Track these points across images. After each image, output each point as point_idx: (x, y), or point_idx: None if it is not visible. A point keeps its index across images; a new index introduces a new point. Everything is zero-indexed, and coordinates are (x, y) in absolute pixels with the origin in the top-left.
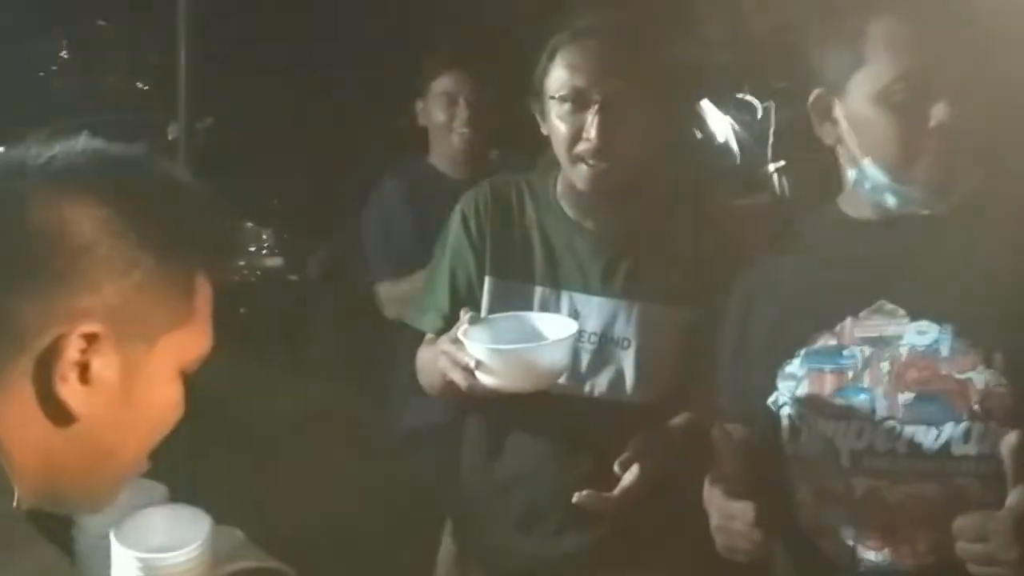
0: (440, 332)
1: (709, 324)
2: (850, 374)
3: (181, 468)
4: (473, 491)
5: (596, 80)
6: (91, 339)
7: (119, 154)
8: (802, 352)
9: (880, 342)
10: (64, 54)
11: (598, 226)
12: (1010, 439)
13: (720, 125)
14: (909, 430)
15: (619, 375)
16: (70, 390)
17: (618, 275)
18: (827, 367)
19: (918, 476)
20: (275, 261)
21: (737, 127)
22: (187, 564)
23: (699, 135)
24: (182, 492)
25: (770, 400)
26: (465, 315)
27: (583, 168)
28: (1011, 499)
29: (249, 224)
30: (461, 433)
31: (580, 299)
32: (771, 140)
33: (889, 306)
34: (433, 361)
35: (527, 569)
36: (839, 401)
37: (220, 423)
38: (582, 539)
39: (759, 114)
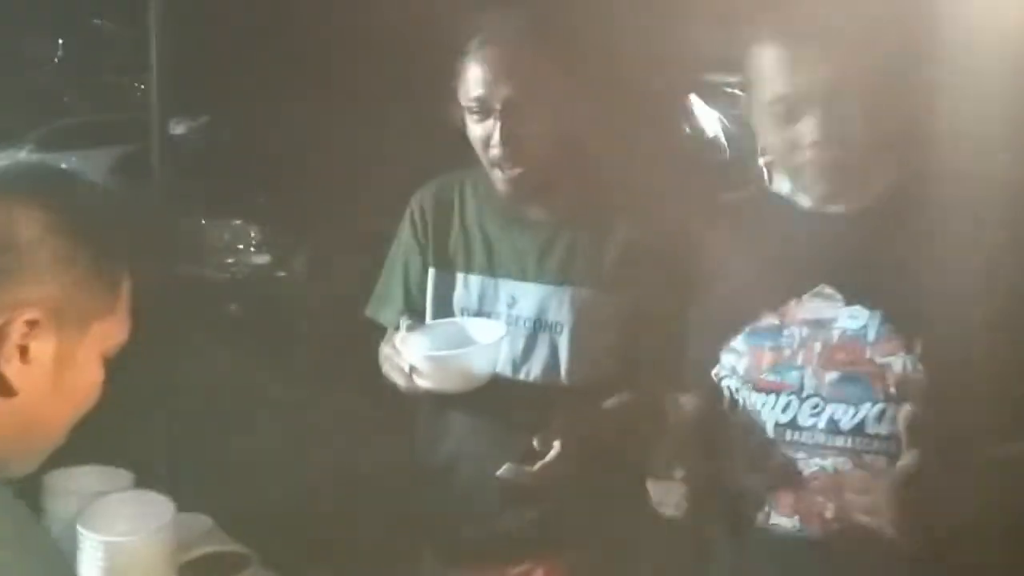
0: (404, 324)
1: (647, 309)
2: (787, 352)
3: (165, 457)
4: (422, 471)
5: (494, 89)
6: (32, 325)
7: (57, 167)
8: (747, 329)
9: (817, 324)
10: (60, 54)
11: (533, 215)
12: (906, 410)
13: (708, 119)
14: (830, 408)
15: (553, 360)
16: (12, 368)
17: (551, 261)
18: (767, 344)
19: (832, 451)
20: (262, 258)
21: (726, 121)
22: (149, 547)
23: (687, 129)
24: (164, 479)
25: (713, 372)
26: (404, 323)
27: (498, 172)
28: (901, 461)
29: (237, 222)
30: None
31: (516, 286)
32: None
33: (828, 290)
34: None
35: (472, 547)
36: (773, 377)
37: (209, 415)
38: (523, 517)
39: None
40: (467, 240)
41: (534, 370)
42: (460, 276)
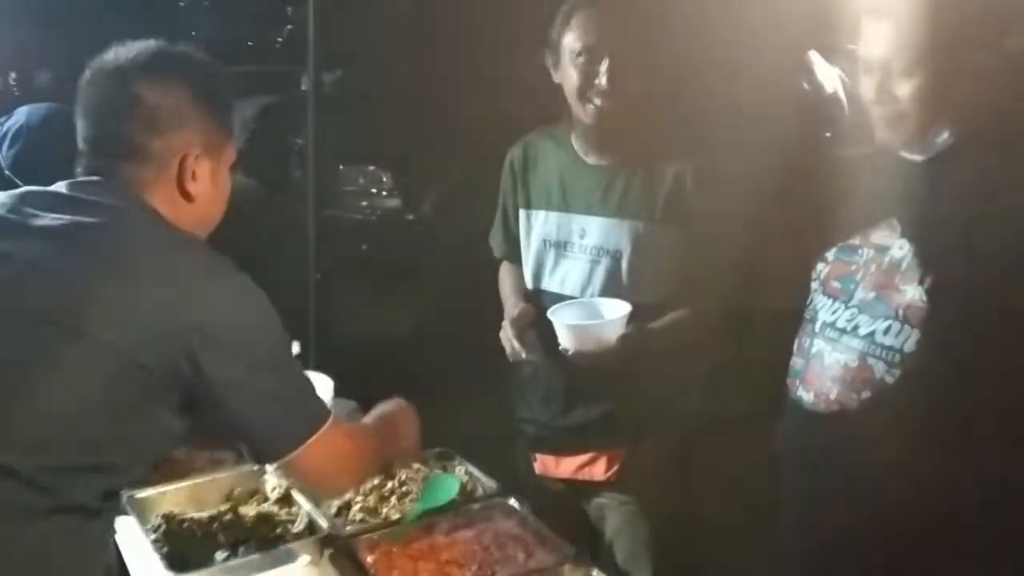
0: (504, 254)
1: (699, 240)
2: (853, 267)
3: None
4: (518, 378)
5: (605, 39)
6: (197, 156)
7: (188, 51)
8: (840, 245)
9: (879, 249)
10: (206, 3)
11: (598, 161)
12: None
13: (829, 76)
14: (860, 317)
15: (616, 280)
16: (191, 184)
17: (612, 199)
18: (844, 258)
19: (847, 349)
20: (394, 202)
21: (846, 78)
22: None
23: (807, 86)
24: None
25: (813, 273)
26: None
27: (591, 107)
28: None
29: (371, 168)
30: None
31: (585, 220)
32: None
33: (895, 222)
34: (505, 297)
35: (547, 435)
36: (838, 285)
37: (344, 340)
38: (589, 415)
39: None
40: (548, 184)
41: (599, 291)
42: (543, 213)
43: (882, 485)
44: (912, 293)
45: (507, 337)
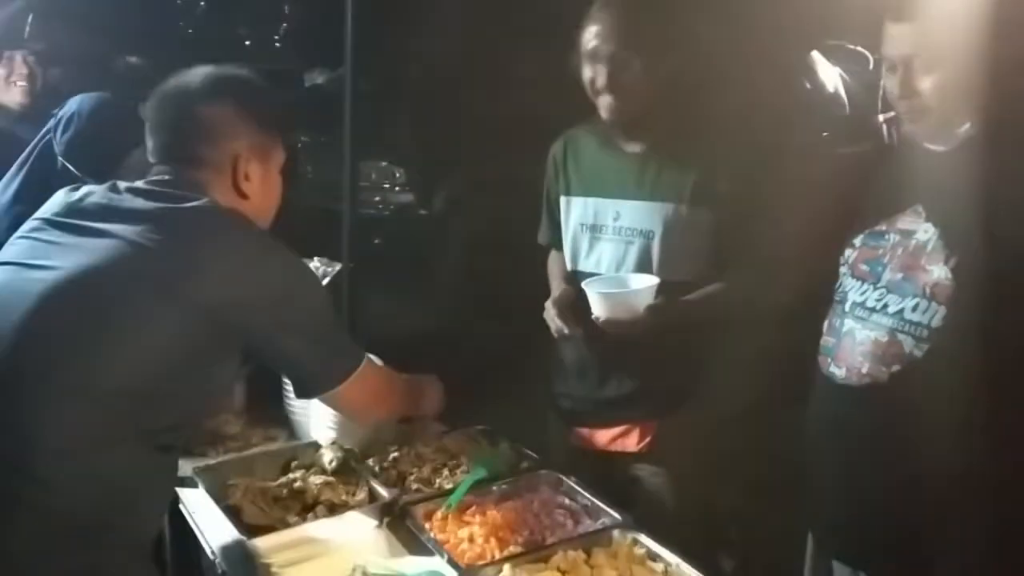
0: (549, 241)
1: (727, 221)
2: (880, 251)
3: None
4: (555, 355)
5: (604, 43)
6: (247, 159)
7: (237, 72)
8: (867, 231)
9: (905, 233)
10: (203, 3)
11: (629, 148)
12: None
13: (830, 75)
14: (888, 296)
15: (647, 260)
16: (244, 184)
17: (645, 183)
18: (871, 244)
19: (877, 326)
20: (406, 197)
21: (847, 77)
22: None
23: (808, 85)
24: None
25: (841, 259)
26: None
27: (600, 101)
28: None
29: (383, 163)
30: None
31: (619, 203)
32: (881, 91)
33: (920, 208)
34: (551, 280)
35: (582, 408)
36: (866, 268)
37: (357, 331)
38: (622, 389)
39: (870, 65)
40: (585, 172)
41: (632, 269)
42: (581, 199)
43: (911, 453)
44: (938, 273)
45: (550, 316)
